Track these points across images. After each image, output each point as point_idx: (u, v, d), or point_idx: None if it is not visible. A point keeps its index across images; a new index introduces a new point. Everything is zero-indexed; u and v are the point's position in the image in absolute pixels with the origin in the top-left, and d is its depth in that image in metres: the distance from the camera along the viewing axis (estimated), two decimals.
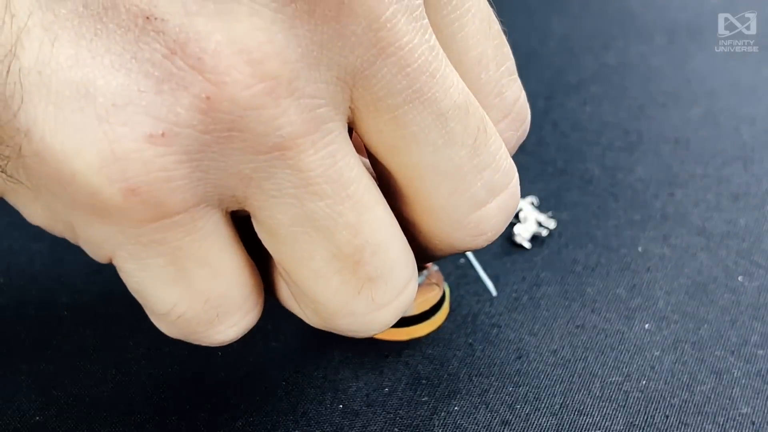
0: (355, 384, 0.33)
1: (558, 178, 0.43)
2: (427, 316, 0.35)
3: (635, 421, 0.32)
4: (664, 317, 0.36)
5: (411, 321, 0.35)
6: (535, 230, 0.40)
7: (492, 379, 0.33)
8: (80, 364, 0.34)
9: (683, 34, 0.54)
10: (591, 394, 0.33)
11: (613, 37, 0.54)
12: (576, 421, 0.32)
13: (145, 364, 0.34)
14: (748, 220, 0.41)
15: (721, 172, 0.44)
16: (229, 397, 0.33)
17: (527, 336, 0.35)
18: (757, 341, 0.35)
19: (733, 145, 0.45)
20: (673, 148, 0.45)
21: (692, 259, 0.39)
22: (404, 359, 0.34)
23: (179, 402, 0.33)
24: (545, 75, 0.51)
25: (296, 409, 0.33)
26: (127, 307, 0.37)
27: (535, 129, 0.47)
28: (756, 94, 0.49)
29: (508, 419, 0.32)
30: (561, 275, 0.38)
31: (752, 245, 0.39)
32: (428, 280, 0.36)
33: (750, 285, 0.37)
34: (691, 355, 0.34)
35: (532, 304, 0.37)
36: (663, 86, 0.50)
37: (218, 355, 0.35)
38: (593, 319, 0.36)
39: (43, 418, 0.32)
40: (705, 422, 0.32)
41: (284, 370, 0.34)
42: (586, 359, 0.34)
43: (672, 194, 0.42)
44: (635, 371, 0.34)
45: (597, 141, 0.46)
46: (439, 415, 0.32)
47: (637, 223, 0.41)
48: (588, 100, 0.49)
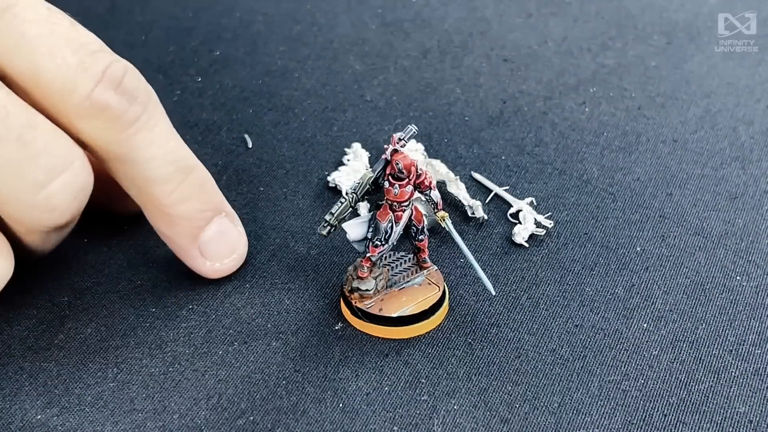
0: (355, 383, 0.34)
1: (557, 178, 0.44)
2: (426, 315, 0.35)
3: (633, 420, 0.32)
4: (662, 316, 0.36)
5: (411, 320, 0.35)
6: (534, 230, 0.40)
7: (491, 378, 0.34)
8: (82, 362, 0.35)
9: (681, 35, 0.54)
10: (589, 392, 0.33)
11: (612, 37, 0.54)
12: (574, 419, 0.32)
13: (146, 362, 0.34)
14: (746, 220, 0.41)
15: (719, 172, 0.44)
16: (230, 396, 0.33)
17: (526, 335, 0.35)
18: (754, 340, 0.35)
19: (731, 146, 0.45)
20: (672, 148, 0.45)
21: (690, 258, 0.39)
22: (404, 358, 0.35)
23: (180, 401, 0.33)
24: (544, 76, 0.51)
25: (296, 408, 0.33)
26: (129, 306, 0.37)
27: (534, 129, 0.47)
28: (754, 95, 0.49)
29: (507, 418, 0.32)
30: (560, 275, 0.38)
31: (750, 245, 0.39)
32: (428, 280, 0.36)
33: (747, 284, 0.37)
34: (688, 354, 0.34)
35: (531, 303, 0.37)
36: (661, 87, 0.50)
37: (219, 354, 0.35)
38: (592, 318, 0.36)
39: (44, 417, 0.33)
40: (703, 421, 0.32)
41: (284, 368, 0.34)
42: (584, 358, 0.34)
43: (670, 194, 0.42)
44: (633, 370, 0.34)
45: (595, 141, 0.46)
46: (439, 414, 0.32)
47: (636, 223, 0.41)
48: (587, 101, 0.49)
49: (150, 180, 0.33)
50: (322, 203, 0.42)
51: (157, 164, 0.33)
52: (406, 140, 0.34)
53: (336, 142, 0.46)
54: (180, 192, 0.34)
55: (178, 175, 0.34)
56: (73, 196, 0.32)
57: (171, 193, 0.34)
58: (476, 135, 0.47)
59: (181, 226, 0.35)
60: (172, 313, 0.37)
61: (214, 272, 0.37)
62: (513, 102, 0.49)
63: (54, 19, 0.31)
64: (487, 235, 0.40)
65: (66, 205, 0.32)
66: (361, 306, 0.35)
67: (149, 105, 0.33)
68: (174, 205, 0.34)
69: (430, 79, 0.51)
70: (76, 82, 0.31)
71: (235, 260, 0.37)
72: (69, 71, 0.31)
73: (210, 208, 0.36)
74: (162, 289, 0.38)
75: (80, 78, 0.31)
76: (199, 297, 0.37)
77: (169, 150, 0.33)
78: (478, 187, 0.43)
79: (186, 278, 0.38)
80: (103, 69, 0.31)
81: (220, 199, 0.36)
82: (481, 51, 0.53)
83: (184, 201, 0.34)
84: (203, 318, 0.36)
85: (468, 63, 0.52)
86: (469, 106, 0.49)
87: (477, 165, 0.44)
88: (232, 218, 0.37)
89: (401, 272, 0.37)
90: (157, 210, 0.34)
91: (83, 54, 0.31)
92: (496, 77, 0.51)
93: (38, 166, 0.31)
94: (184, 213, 0.35)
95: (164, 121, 0.34)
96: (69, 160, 0.32)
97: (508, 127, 0.47)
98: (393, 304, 0.35)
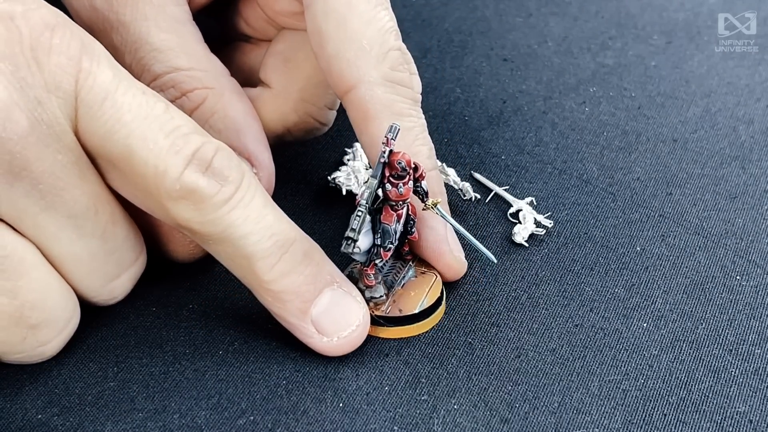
0: (355, 382, 0.34)
1: (557, 177, 0.44)
2: (440, 301, 0.35)
3: (633, 419, 0.32)
4: (662, 316, 0.36)
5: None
6: (534, 230, 0.40)
7: (491, 378, 0.34)
8: (82, 362, 0.35)
9: (681, 34, 0.54)
10: (589, 392, 0.33)
11: (612, 37, 0.54)
12: (574, 419, 0.32)
13: (147, 362, 0.35)
14: (746, 220, 0.41)
15: (719, 171, 0.44)
16: (231, 396, 0.33)
17: (526, 335, 0.35)
18: (754, 340, 0.35)
19: (731, 145, 0.45)
20: (671, 148, 0.45)
21: (690, 258, 0.39)
22: (404, 358, 0.35)
23: (180, 400, 0.33)
24: (544, 75, 0.51)
25: (297, 408, 0.33)
26: (129, 306, 0.37)
27: (533, 129, 0.47)
28: (753, 94, 0.49)
29: (507, 417, 0.32)
30: (560, 274, 0.38)
31: (749, 245, 0.39)
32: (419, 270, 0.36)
33: (747, 284, 0.37)
34: (688, 353, 0.35)
35: (531, 303, 0.37)
36: (661, 86, 0.50)
37: (219, 353, 0.35)
38: (592, 318, 0.36)
39: (45, 417, 0.33)
40: (702, 420, 0.32)
41: (285, 368, 0.34)
42: (584, 358, 0.34)
43: (670, 194, 0.42)
44: (633, 370, 0.34)
45: (595, 141, 0.46)
46: (439, 414, 0.32)
47: (636, 222, 0.41)
48: (586, 101, 0.49)
49: (248, 257, 0.33)
50: (322, 203, 0.42)
51: (254, 239, 0.32)
52: (394, 138, 0.33)
53: (336, 142, 0.46)
54: (280, 267, 0.33)
55: (278, 250, 0.33)
56: (132, 285, 0.35)
57: (271, 269, 0.33)
58: (476, 135, 0.47)
59: (288, 302, 0.34)
60: (172, 313, 0.37)
61: (332, 349, 0.34)
62: (513, 102, 0.49)
63: (149, 102, 0.32)
64: (487, 235, 0.40)
65: (124, 292, 0.35)
66: (380, 313, 0.35)
67: (242, 183, 0.32)
68: (276, 280, 0.33)
69: (430, 78, 0.51)
70: (167, 165, 0.31)
71: (356, 333, 0.34)
72: (161, 154, 0.31)
73: (317, 281, 0.34)
74: (162, 289, 0.38)
75: (172, 161, 0.31)
76: (199, 297, 0.37)
77: (266, 225, 0.33)
78: (478, 187, 0.43)
79: (186, 278, 0.38)
80: (193, 151, 0.31)
81: (329, 270, 0.35)
82: (481, 51, 0.53)
83: (286, 275, 0.33)
84: (203, 318, 0.36)
85: (468, 63, 0.52)
86: (469, 106, 0.49)
87: (477, 165, 0.44)
88: (347, 288, 0.35)
89: (390, 271, 0.37)
90: (262, 288, 0.33)
91: (175, 137, 0.31)
92: (496, 77, 0.51)
93: (113, 260, 0.34)
94: (288, 288, 0.33)
95: (260, 196, 0.33)
96: (137, 254, 0.35)
97: (508, 126, 0.47)
98: (408, 302, 0.35)
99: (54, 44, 0.30)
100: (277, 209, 0.34)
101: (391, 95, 0.36)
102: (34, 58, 0.30)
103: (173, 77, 0.37)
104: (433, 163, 0.37)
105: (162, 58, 0.37)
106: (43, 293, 0.32)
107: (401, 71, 0.36)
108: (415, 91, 0.37)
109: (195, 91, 0.38)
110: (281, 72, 0.41)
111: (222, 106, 0.38)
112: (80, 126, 0.31)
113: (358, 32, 0.35)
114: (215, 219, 0.32)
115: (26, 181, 0.30)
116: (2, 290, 0.31)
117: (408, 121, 0.36)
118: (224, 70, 0.39)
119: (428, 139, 0.37)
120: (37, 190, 0.31)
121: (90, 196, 0.32)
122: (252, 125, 0.39)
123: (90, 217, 0.32)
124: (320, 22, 0.36)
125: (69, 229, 0.32)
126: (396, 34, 0.36)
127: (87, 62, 0.31)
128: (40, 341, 0.33)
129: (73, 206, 0.32)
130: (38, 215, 0.31)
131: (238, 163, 0.33)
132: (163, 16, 0.38)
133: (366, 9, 0.35)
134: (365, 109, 0.35)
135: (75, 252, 0.32)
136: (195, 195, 0.31)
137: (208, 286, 0.38)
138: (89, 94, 0.31)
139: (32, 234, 0.32)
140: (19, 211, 0.31)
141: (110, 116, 0.31)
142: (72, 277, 0.33)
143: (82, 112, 0.31)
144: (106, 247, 0.33)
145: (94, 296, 0.34)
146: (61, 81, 0.30)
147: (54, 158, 0.31)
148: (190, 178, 0.31)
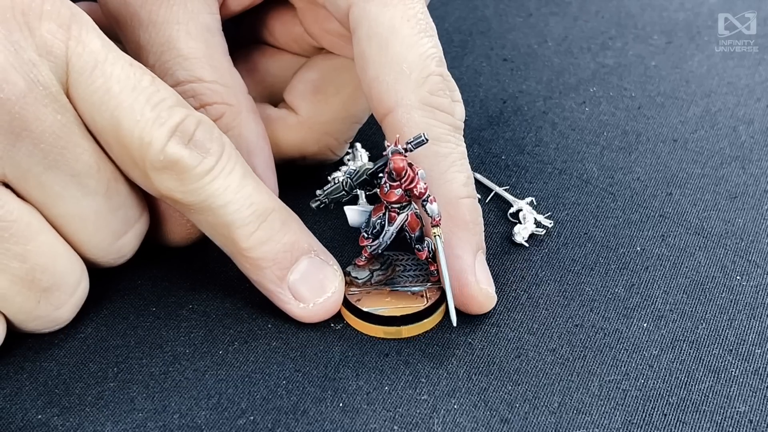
0: (355, 382, 0.34)
1: (557, 177, 0.44)
2: (393, 322, 0.35)
3: (633, 420, 0.32)
4: (662, 316, 0.36)
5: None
6: (534, 230, 0.40)
7: (491, 378, 0.34)
8: (82, 362, 0.35)
9: (681, 34, 0.55)
10: (589, 392, 0.33)
11: (612, 37, 0.54)
12: (574, 419, 0.32)
13: (146, 362, 0.35)
14: (746, 220, 0.41)
15: (719, 171, 0.44)
16: (231, 396, 0.33)
17: (526, 335, 0.35)
18: (754, 340, 0.35)
19: (731, 145, 0.45)
20: (672, 148, 0.45)
21: (690, 258, 0.39)
22: (404, 358, 0.35)
23: (180, 400, 0.33)
24: (544, 75, 0.51)
25: (297, 408, 0.33)
26: (129, 306, 0.37)
27: (534, 129, 0.47)
28: (754, 94, 0.49)
29: (507, 417, 0.32)
30: (560, 274, 0.38)
31: (750, 245, 0.39)
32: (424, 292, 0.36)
33: (747, 284, 0.37)
34: (688, 353, 0.35)
35: (531, 303, 0.37)
36: (661, 86, 0.50)
37: (219, 353, 0.35)
38: (592, 318, 0.36)
39: (45, 417, 0.33)
40: (703, 420, 0.32)
41: (285, 368, 0.34)
42: (584, 358, 0.34)
43: (670, 194, 0.42)
44: (633, 370, 0.34)
45: (595, 141, 0.46)
46: (439, 413, 0.32)
47: (636, 222, 0.41)
48: (587, 101, 0.49)
49: (228, 225, 0.34)
50: None
51: (233, 208, 0.33)
52: (412, 147, 0.33)
53: None
54: (259, 235, 0.34)
55: (256, 218, 0.34)
56: (138, 242, 0.36)
57: (250, 236, 0.34)
58: (476, 135, 0.47)
59: (266, 269, 0.35)
60: (172, 312, 0.37)
61: (307, 315, 0.35)
62: (513, 102, 0.49)
63: (136, 74, 0.32)
64: (487, 235, 0.40)
65: (132, 250, 0.36)
66: (347, 293, 0.36)
67: (223, 155, 0.33)
68: (254, 248, 0.34)
69: None
70: (152, 137, 0.32)
71: (330, 300, 0.35)
72: (147, 126, 0.32)
73: (294, 249, 0.35)
74: (162, 289, 0.38)
75: (156, 133, 0.32)
76: (199, 297, 0.37)
77: (245, 194, 0.34)
78: (478, 187, 0.43)
79: (186, 278, 0.38)
80: (177, 123, 0.32)
81: (307, 239, 0.36)
82: (481, 51, 0.53)
83: (264, 243, 0.34)
84: (203, 318, 0.36)
85: (468, 63, 0.52)
86: (469, 106, 0.49)
87: (477, 165, 0.44)
88: (324, 257, 0.36)
89: (407, 275, 0.37)
90: (241, 255, 0.35)
91: (161, 109, 0.32)
92: (496, 77, 0.51)
93: (118, 217, 0.34)
94: (266, 255, 0.34)
95: (240, 167, 0.34)
96: (141, 211, 0.36)
97: (508, 126, 0.47)
98: (372, 300, 0.36)
99: (45, 10, 0.31)
100: (258, 181, 0.35)
101: (429, 119, 0.35)
102: (26, 23, 0.31)
103: (195, 87, 0.38)
104: (469, 191, 0.36)
105: (187, 66, 0.37)
106: (52, 256, 0.33)
107: (441, 96, 0.36)
108: (456, 118, 0.37)
109: (215, 105, 0.38)
110: (309, 101, 0.41)
111: (237, 124, 0.38)
112: (71, 92, 0.32)
113: (399, 56, 0.35)
114: (197, 189, 0.33)
115: (28, 141, 0.31)
116: (13, 255, 0.32)
117: (445, 147, 0.36)
118: (243, 87, 0.39)
119: (466, 167, 0.36)
120: (39, 150, 0.31)
121: (91, 153, 0.33)
122: (263, 149, 0.39)
123: (93, 175, 0.33)
124: (364, 45, 0.36)
125: (73, 187, 0.32)
126: (438, 61, 0.36)
127: (77, 30, 0.32)
128: (54, 305, 0.34)
129: (75, 164, 0.32)
130: (42, 175, 0.32)
131: (219, 135, 0.34)
132: (194, 23, 0.38)
133: (409, 34, 0.35)
134: (401, 133, 0.35)
135: (81, 211, 0.33)
136: (178, 166, 0.32)
137: (208, 286, 0.38)
138: (79, 61, 0.32)
139: (38, 195, 0.32)
140: (23, 172, 0.31)
141: (100, 85, 0.32)
142: (79, 236, 0.34)
143: (73, 78, 0.32)
144: (110, 203, 0.34)
145: (103, 256, 0.35)
146: (52, 46, 0.31)
147: (53, 118, 0.31)
148: (174, 149, 0.32)
